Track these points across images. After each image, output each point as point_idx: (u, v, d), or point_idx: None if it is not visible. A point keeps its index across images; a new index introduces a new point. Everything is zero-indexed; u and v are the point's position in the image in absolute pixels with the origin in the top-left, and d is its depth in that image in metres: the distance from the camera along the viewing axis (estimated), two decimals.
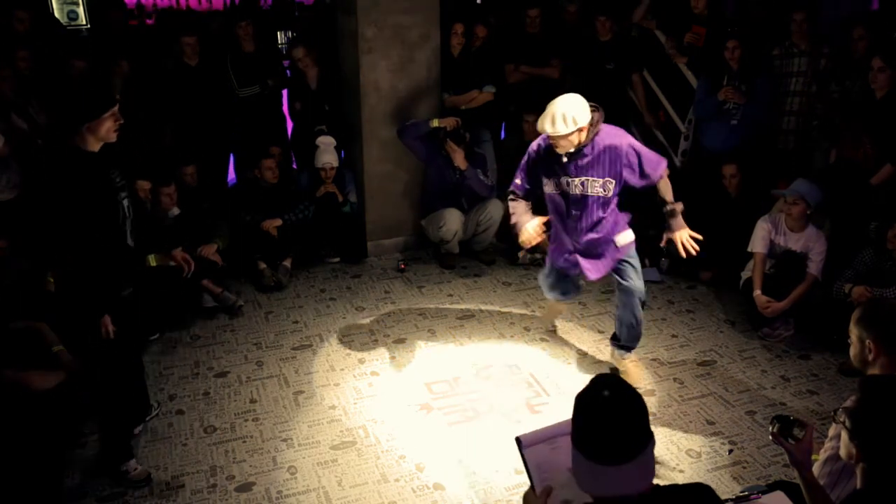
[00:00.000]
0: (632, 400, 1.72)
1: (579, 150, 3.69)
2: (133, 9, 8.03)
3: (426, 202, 5.77)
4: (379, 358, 4.44)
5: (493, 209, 5.59)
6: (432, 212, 5.66)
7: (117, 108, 3.02)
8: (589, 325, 4.83)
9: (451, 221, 5.55)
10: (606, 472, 1.68)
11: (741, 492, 2.60)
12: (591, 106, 3.64)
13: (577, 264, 3.99)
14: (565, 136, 3.58)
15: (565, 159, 3.74)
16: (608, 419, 1.70)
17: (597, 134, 3.69)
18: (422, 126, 5.43)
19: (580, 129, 3.59)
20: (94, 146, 3.03)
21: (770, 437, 2.31)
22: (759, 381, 4.20)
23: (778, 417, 2.31)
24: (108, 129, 3.01)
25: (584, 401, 1.75)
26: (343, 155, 5.99)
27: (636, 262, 4.02)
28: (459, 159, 5.44)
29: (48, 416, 3.34)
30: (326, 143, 5.64)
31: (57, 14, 7.85)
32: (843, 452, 1.97)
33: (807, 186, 4.49)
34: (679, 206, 3.86)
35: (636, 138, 6.32)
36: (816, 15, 5.43)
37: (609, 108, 5.97)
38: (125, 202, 3.23)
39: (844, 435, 1.94)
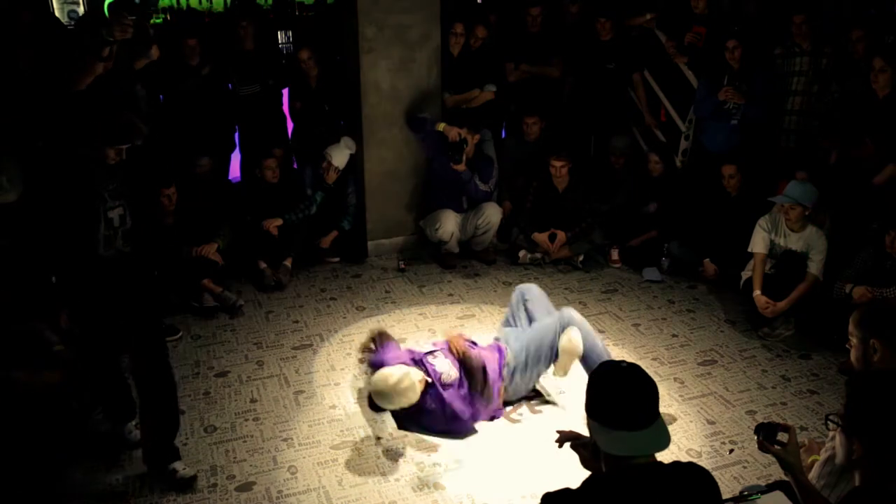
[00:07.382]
0: (644, 373, 1.91)
1: None
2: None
3: (428, 196, 5.78)
4: None
5: (491, 212, 5.60)
6: (433, 206, 5.68)
7: None
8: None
9: (447, 223, 5.56)
10: (629, 438, 1.83)
11: (741, 492, 2.60)
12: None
13: None
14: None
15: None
16: (630, 385, 1.87)
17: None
18: (428, 124, 5.47)
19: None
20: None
21: (757, 447, 2.32)
22: (760, 381, 4.20)
23: (760, 426, 2.32)
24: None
25: (602, 374, 1.93)
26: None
27: None
28: (458, 166, 5.45)
29: (48, 416, 3.33)
30: (349, 143, 5.61)
31: (57, 13, 7.85)
32: (838, 460, 1.96)
33: (800, 189, 4.47)
34: None
35: (637, 138, 6.37)
36: (818, 14, 5.43)
37: (609, 108, 6.09)
38: (116, 211, 3.25)
39: (840, 438, 1.94)
